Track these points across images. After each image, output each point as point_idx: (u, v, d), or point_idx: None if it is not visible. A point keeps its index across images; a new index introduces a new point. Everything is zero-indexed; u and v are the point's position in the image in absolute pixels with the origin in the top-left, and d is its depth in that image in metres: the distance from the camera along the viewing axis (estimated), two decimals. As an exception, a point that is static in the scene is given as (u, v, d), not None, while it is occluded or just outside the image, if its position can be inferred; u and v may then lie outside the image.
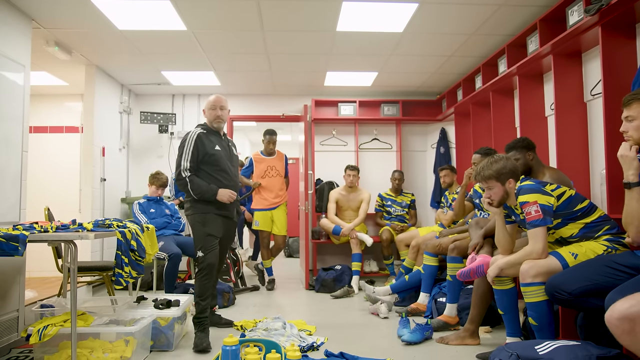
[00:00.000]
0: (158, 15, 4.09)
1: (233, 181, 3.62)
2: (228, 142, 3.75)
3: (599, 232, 2.68)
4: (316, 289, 5.55)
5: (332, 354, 3.08)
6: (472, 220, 3.93)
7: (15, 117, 3.80)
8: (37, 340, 2.63)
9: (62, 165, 6.50)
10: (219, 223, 3.53)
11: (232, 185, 3.58)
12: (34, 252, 3.77)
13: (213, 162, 3.52)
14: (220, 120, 3.65)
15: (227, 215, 3.61)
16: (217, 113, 3.62)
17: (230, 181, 3.59)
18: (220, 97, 3.71)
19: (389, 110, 6.61)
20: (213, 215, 3.50)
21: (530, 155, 3.34)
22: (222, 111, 3.65)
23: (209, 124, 3.68)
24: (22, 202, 3.86)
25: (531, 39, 3.93)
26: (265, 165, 5.90)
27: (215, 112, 3.63)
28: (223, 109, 3.66)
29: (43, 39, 4.47)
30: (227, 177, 3.57)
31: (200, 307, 3.39)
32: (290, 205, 6.68)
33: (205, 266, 3.42)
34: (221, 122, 3.66)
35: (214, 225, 3.49)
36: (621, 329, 1.74)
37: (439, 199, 6.11)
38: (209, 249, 3.44)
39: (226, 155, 3.63)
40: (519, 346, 2.29)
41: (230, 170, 3.61)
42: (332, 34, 4.55)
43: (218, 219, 3.52)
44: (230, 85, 6.36)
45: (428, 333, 3.47)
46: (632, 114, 2.28)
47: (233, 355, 2.63)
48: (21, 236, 2.53)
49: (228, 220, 3.65)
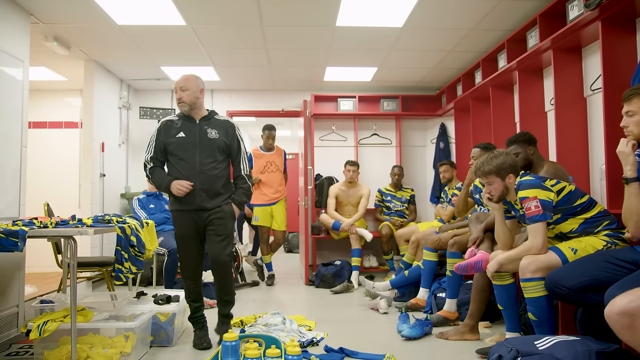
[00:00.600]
0: (157, 10, 4.08)
1: (196, 170, 3.22)
2: (204, 126, 3.29)
3: (598, 228, 2.68)
4: (316, 285, 5.55)
5: (331, 349, 3.09)
6: (472, 214, 3.93)
7: (14, 112, 3.79)
8: (37, 336, 2.63)
9: (61, 161, 6.50)
10: (184, 220, 3.25)
11: (192, 175, 3.21)
12: (34, 248, 3.78)
13: (172, 150, 3.25)
14: (183, 104, 3.25)
15: (195, 208, 3.24)
16: (177, 96, 3.26)
17: (192, 170, 3.21)
18: (183, 77, 3.31)
19: (388, 106, 6.60)
20: (177, 213, 3.28)
21: (531, 150, 3.34)
22: (183, 92, 3.24)
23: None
24: (21, 197, 3.86)
25: (531, 33, 3.92)
26: (265, 161, 5.90)
27: (177, 94, 3.27)
28: (184, 90, 3.24)
29: (42, 34, 4.45)
30: (187, 167, 3.21)
31: (191, 307, 3.33)
32: (290, 201, 6.68)
33: (182, 268, 3.34)
34: (185, 105, 3.25)
35: (181, 224, 3.27)
36: (621, 324, 1.74)
37: (438, 194, 6.11)
38: (181, 250, 3.30)
39: (191, 141, 3.23)
40: (519, 341, 2.29)
41: (192, 158, 3.22)
42: (332, 29, 4.53)
43: (183, 216, 3.25)
44: (230, 80, 6.35)
45: (428, 328, 3.47)
46: (632, 108, 2.28)
47: (233, 351, 2.63)
48: (21, 232, 2.52)
49: (199, 212, 3.25)
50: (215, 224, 3.25)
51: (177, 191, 3.16)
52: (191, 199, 3.20)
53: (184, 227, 3.26)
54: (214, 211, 3.25)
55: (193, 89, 3.26)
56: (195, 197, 3.21)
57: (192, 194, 3.19)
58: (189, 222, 3.25)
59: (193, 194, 3.20)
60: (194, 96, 3.27)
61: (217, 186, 3.27)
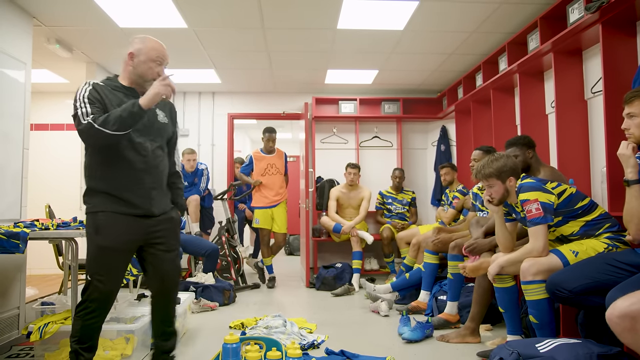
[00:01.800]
0: (159, 13, 4.09)
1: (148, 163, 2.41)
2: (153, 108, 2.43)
3: (599, 230, 2.68)
4: (317, 287, 5.55)
5: (332, 352, 3.09)
6: (472, 219, 3.92)
7: (16, 114, 3.80)
8: (38, 338, 2.63)
9: (63, 163, 6.50)
10: (123, 227, 2.33)
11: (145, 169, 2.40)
12: (35, 250, 3.78)
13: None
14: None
15: (141, 213, 2.37)
16: (159, 70, 2.50)
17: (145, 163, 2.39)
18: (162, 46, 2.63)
19: (389, 108, 6.61)
20: (110, 215, 2.32)
21: (530, 154, 3.34)
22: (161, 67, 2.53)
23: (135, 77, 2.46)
24: (22, 199, 3.87)
25: (532, 36, 3.93)
26: (266, 163, 5.90)
27: (160, 68, 2.53)
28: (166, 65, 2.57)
29: (44, 36, 4.46)
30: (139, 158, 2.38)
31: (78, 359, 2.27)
32: (291, 203, 6.68)
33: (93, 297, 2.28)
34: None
35: (115, 232, 2.32)
36: (622, 326, 1.74)
37: (439, 197, 6.11)
38: (105, 270, 2.31)
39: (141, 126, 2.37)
40: (520, 344, 2.29)
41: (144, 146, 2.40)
42: (333, 32, 4.54)
43: (121, 221, 2.33)
44: (231, 82, 6.36)
45: (429, 331, 3.47)
46: (633, 111, 2.28)
47: (234, 353, 2.63)
48: (22, 234, 2.53)
49: (143, 219, 2.38)
50: (166, 236, 2.47)
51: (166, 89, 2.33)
52: (142, 200, 2.38)
53: (119, 237, 2.32)
54: (162, 219, 2.46)
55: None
56: (146, 199, 2.39)
57: (141, 194, 2.38)
58: (129, 230, 2.35)
59: (143, 193, 2.38)
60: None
61: (164, 185, 2.54)
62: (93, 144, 2.38)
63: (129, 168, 2.36)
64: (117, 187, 2.34)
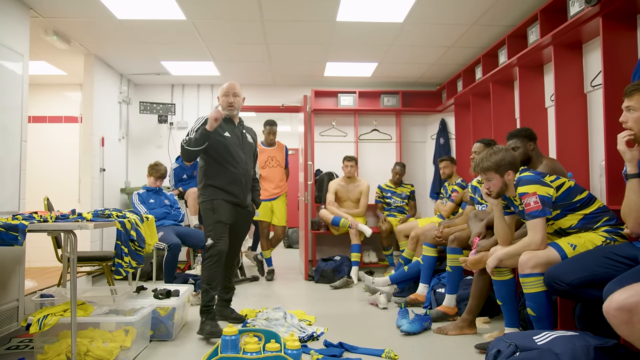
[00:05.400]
0: (157, 5, 4.07)
1: (243, 168, 3.60)
2: (242, 130, 3.72)
3: (597, 223, 2.68)
4: (315, 280, 5.57)
5: (331, 344, 3.10)
6: (470, 212, 3.93)
7: (14, 106, 3.79)
8: (37, 330, 2.63)
9: (61, 155, 6.49)
10: (228, 209, 3.52)
11: (240, 173, 3.57)
12: (34, 242, 3.78)
13: (219, 148, 3.51)
14: (234, 109, 3.62)
15: (238, 202, 3.59)
16: (229, 100, 3.59)
17: (239, 168, 3.57)
18: (233, 84, 3.66)
19: (388, 101, 6.60)
20: (221, 201, 3.50)
21: (531, 146, 3.34)
22: (235, 98, 3.61)
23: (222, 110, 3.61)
24: (21, 192, 3.86)
25: (532, 29, 3.92)
26: (266, 156, 5.90)
27: (228, 98, 3.60)
28: (236, 96, 3.62)
29: (41, 28, 4.44)
30: (235, 165, 3.55)
31: (209, 295, 3.39)
32: (290, 196, 6.68)
33: (215, 252, 3.40)
34: (234, 110, 3.63)
35: (223, 212, 3.48)
36: (619, 319, 1.74)
37: (438, 190, 6.11)
38: (219, 236, 3.43)
39: (237, 142, 3.61)
40: (518, 336, 2.30)
41: (239, 157, 3.59)
42: (332, 24, 4.52)
43: (227, 205, 3.51)
44: (230, 75, 6.34)
45: (427, 323, 3.48)
46: (633, 104, 2.27)
47: (232, 345, 2.64)
48: (20, 226, 2.53)
49: (240, 208, 3.63)
50: (245, 223, 3.80)
51: (215, 116, 3.34)
52: (238, 193, 3.56)
53: (225, 216, 3.49)
54: (247, 211, 3.72)
55: (241, 96, 3.67)
56: (240, 194, 3.58)
57: (239, 190, 3.57)
58: (230, 212, 3.53)
59: (240, 189, 3.57)
60: (241, 103, 3.68)
61: (250, 186, 3.74)
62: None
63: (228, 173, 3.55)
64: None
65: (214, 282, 3.43)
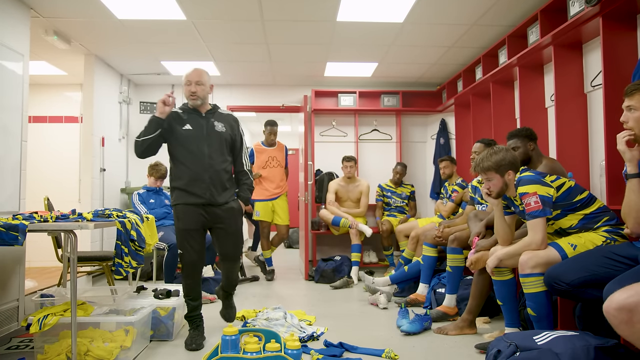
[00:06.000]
0: (157, 5, 4.07)
1: (206, 163, 3.17)
2: (210, 119, 3.26)
3: (598, 223, 2.68)
4: (316, 280, 5.57)
5: (331, 344, 3.10)
6: (471, 212, 3.93)
7: (14, 106, 3.79)
8: (38, 330, 2.64)
9: (61, 155, 6.49)
10: (191, 213, 3.16)
11: (202, 169, 3.16)
12: (34, 242, 3.79)
13: (180, 143, 3.20)
14: (196, 98, 3.21)
15: (206, 202, 3.17)
16: (191, 89, 3.20)
17: (201, 164, 3.17)
18: (197, 71, 3.26)
19: (389, 101, 6.59)
20: (182, 206, 3.18)
21: (531, 146, 3.34)
22: (198, 86, 3.20)
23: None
24: (21, 191, 3.87)
25: (532, 29, 3.91)
26: (267, 156, 5.90)
27: (190, 87, 3.20)
28: (200, 84, 3.20)
29: (42, 28, 4.44)
30: (195, 160, 3.17)
31: (189, 305, 3.24)
32: (290, 196, 6.68)
33: (185, 263, 3.19)
34: (197, 99, 3.21)
35: (186, 218, 3.16)
36: (619, 319, 1.74)
37: (438, 190, 6.11)
38: (184, 245, 3.17)
39: (200, 135, 3.19)
40: (518, 336, 2.30)
41: (200, 151, 3.18)
42: (332, 24, 4.52)
43: (190, 209, 3.16)
44: (230, 75, 6.34)
45: (427, 323, 3.48)
46: (634, 104, 2.26)
47: (232, 345, 2.65)
48: (21, 226, 2.52)
49: (213, 207, 3.20)
50: (226, 222, 3.25)
51: (160, 108, 3.10)
52: (201, 192, 3.15)
53: (189, 222, 3.16)
54: (224, 208, 3.24)
55: (206, 84, 3.25)
56: (206, 192, 3.17)
57: (201, 188, 3.16)
58: (195, 216, 3.17)
59: (204, 187, 3.16)
60: (206, 91, 3.26)
61: (224, 180, 3.25)
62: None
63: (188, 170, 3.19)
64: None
65: (192, 293, 3.22)
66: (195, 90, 3.19)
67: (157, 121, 3.12)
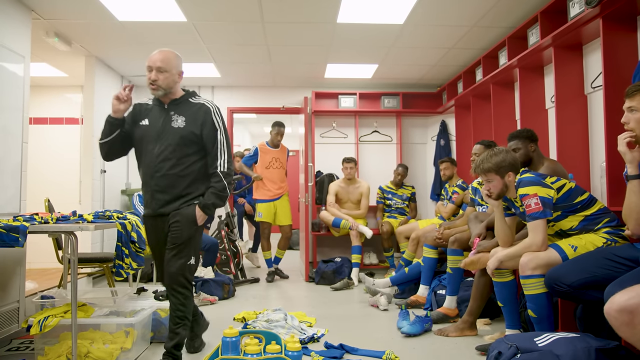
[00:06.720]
0: (158, 6, 4.08)
1: (152, 166, 2.69)
2: (170, 112, 2.75)
3: (598, 225, 2.68)
4: (316, 281, 5.56)
5: (332, 345, 3.10)
6: (471, 214, 3.93)
7: (15, 108, 3.79)
8: (38, 331, 2.64)
9: (62, 157, 6.50)
10: (149, 227, 2.82)
11: (148, 173, 2.70)
12: (34, 244, 3.78)
13: (136, 142, 2.80)
14: (158, 88, 2.68)
15: (153, 214, 2.74)
16: (151, 77, 2.68)
17: (148, 167, 2.71)
18: (161, 53, 2.68)
19: (389, 103, 6.60)
20: (144, 219, 2.87)
21: (532, 147, 3.33)
22: (160, 74, 2.65)
23: None
24: (22, 193, 3.87)
25: (532, 31, 3.92)
26: (271, 157, 5.91)
27: (150, 75, 2.68)
28: (162, 72, 2.65)
29: (43, 29, 4.45)
30: (145, 163, 2.73)
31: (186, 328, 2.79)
32: (291, 198, 6.68)
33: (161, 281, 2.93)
34: (159, 90, 2.69)
35: (147, 232, 2.88)
36: (620, 321, 1.74)
37: (439, 192, 6.11)
38: (155, 261, 2.92)
39: (153, 132, 2.71)
40: (519, 338, 2.30)
41: (148, 151, 2.72)
42: (333, 26, 4.53)
43: (147, 222, 2.82)
44: (231, 77, 6.35)
45: (428, 325, 3.48)
46: (634, 105, 2.26)
47: (233, 347, 2.64)
48: (21, 227, 2.53)
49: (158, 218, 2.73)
50: (170, 232, 2.66)
51: (114, 105, 2.69)
52: (148, 201, 2.74)
53: (149, 236, 2.84)
54: (171, 215, 2.67)
55: (171, 70, 2.70)
56: (151, 201, 2.72)
57: (148, 196, 2.73)
58: (152, 229, 2.79)
59: (148, 195, 2.73)
60: (171, 80, 2.70)
61: (178, 187, 2.69)
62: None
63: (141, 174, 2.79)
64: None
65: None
66: (155, 78, 2.66)
67: (111, 121, 2.71)
